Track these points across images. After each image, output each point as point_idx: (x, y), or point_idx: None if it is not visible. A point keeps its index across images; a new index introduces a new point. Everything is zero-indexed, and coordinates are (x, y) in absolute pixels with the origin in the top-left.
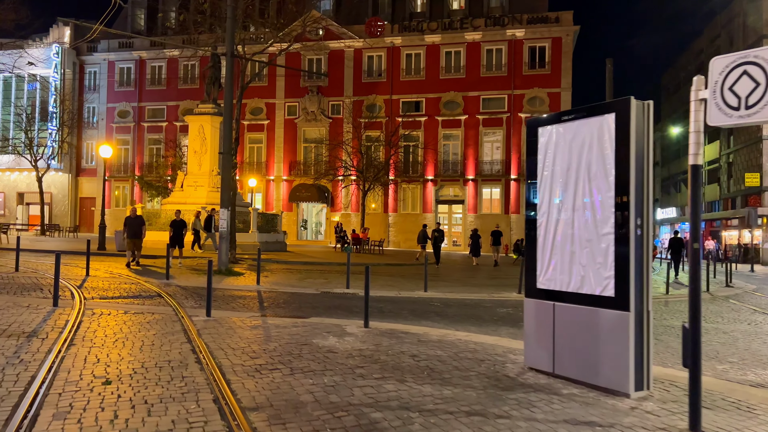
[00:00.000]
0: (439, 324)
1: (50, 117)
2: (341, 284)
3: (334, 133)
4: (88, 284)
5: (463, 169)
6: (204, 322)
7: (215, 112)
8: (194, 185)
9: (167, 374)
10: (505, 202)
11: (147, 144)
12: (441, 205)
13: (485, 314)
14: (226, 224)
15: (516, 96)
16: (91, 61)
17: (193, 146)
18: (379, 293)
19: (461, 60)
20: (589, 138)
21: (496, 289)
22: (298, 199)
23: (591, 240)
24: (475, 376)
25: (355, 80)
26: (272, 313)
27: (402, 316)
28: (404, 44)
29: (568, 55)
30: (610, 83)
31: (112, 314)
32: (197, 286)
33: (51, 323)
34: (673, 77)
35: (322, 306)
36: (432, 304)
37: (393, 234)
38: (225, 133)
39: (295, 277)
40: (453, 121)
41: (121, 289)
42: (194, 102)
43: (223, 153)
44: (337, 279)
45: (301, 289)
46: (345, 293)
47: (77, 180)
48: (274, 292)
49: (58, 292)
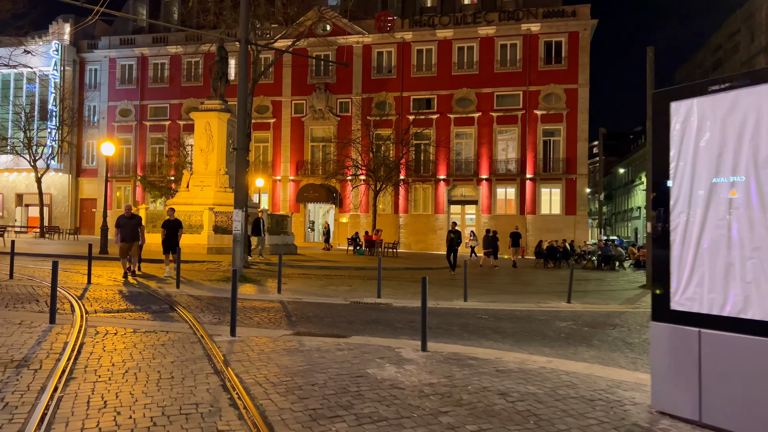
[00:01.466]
0: (504, 344)
1: (50, 116)
2: (368, 292)
3: (343, 131)
4: (90, 294)
5: (477, 168)
6: (230, 344)
7: (222, 108)
8: (200, 185)
9: (197, 427)
10: (520, 203)
11: (149, 143)
12: (453, 205)
13: (547, 330)
14: (240, 227)
15: (531, 92)
16: (92, 58)
17: (200, 144)
18: (415, 303)
19: (474, 55)
20: (755, 113)
21: (539, 297)
22: (306, 200)
23: (760, 248)
24: (597, 426)
25: (364, 77)
26: (305, 330)
27: (455, 334)
28: (415, 39)
29: (586, 50)
30: (651, 72)
31: (118, 333)
32: (212, 296)
33: (47, 347)
34: (688, 74)
35: (358, 320)
36: (480, 317)
37: (404, 236)
38: (239, 126)
39: (316, 283)
40: (466, 118)
41: (126, 300)
42: (198, 100)
43: (237, 149)
44: (362, 286)
45: (326, 298)
46: (377, 304)
47: (78, 181)
48: (299, 303)
49: (56, 305)
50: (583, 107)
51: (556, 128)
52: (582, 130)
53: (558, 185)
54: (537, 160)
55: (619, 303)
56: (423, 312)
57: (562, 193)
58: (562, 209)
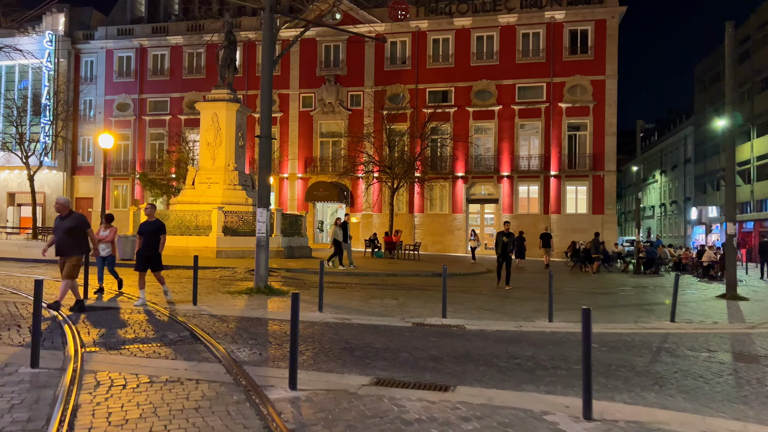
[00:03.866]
0: (672, 398)
1: (43, 110)
2: (424, 308)
3: (354, 126)
4: (88, 315)
5: (497, 164)
6: (294, 407)
7: (231, 98)
8: (207, 182)
9: None
10: (544, 201)
11: (149, 139)
12: (472, 204)
13: (705, 371)
14: (265, 228)
15: (555, 84)
16: (88, 49)
17: (206, 137)
18: (493, 325)
19: (494, 45)
20: None
21: (628, 314)
22: (315, 199)
23: None
24: None
25: (377, 68)
26: (386, 376)
27: (579, 376)
28: (431, 29)
29: (614, 38)
30: (730, 52)
31: (128, 385)
32: (240, 316)
33: (22, 417)
34: (710, 67)
35: (444, 355)
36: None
37: (420, 236)
38: (262, 108)
39: (354, 296)
40: (485, 112)
41: (134, 324)
42: (200, 94)
43: (261, 136)
44: (410, 299)
45: (379, 318)
46: (447, 326)
47: (73, 179)
48: (351, 326)
49: (39, 343)
50: (611, 100)
51: (582, 122)
52: (610, 124)
53: (584, 183)
54: (562, 156)
55: (735, 321)
56: (585, 356)
57: (589, 191)
58: (588, 208)
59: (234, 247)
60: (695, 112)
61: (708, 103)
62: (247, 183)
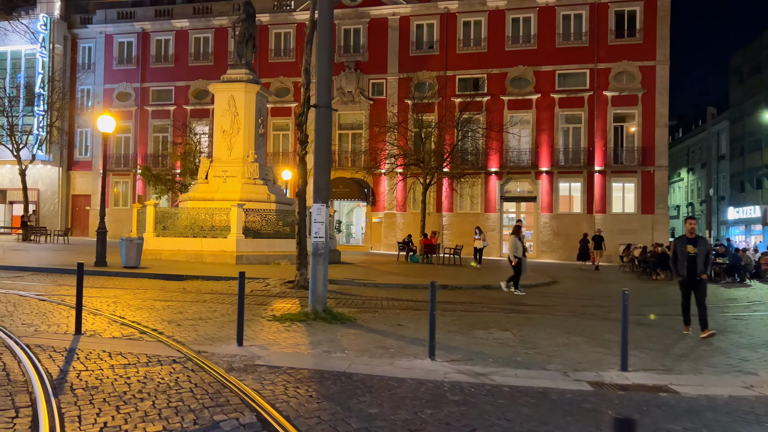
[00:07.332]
0: None
1: (36, 99)
2: (552, 344)
3: (376, 117)
4: (79, 366)
5: (535, 159)
6: None
7: (250, 79)
8: (223, 175)
9: None
10: (587, 200)
11: (151, 131)
12: (507, 202)
13: None
14: (324, 231)
15: (600, 71)
16: (85, 34)
17: (221, 124)
18: (712, 389)
19: (531, 28)
20: None
21: None
22: (334, 196)
23: None
24: None
25: (401, 54)
26: None
27: None
28: (461, 10)
29: (665, 20)
30: None
31: None
32: (315, 369)
33: None
34: (749, 57)
35: None
36: None
37: (448, 237)
38: (320, 71)
39: (444, 323)
40: (522, 101)
41: (155, 391)
42: (207, 82)
43: (317, 106)
44: (520, 327)
45: (525, 371)
46: (657, 394)
47: (69, 174)
48: (499, 392)
49: None
50: (662, 88)
51: (630, 112)
52: (661, 115)
53: (632, 179)
54: (607, 150)
55: None
56: None
57: (637, 188)
58: (637, 207)
59: (256, 251)
60: (730, 106)
61: (746, 96)
62: (268, 177)
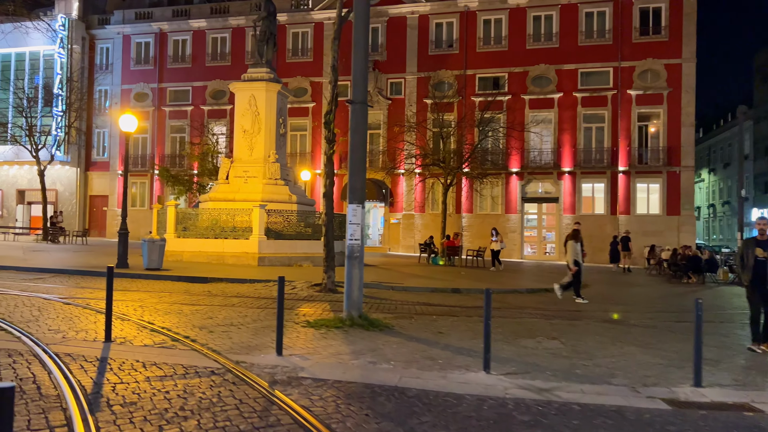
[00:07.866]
0: None
1: (55, 100)
2: (604, 354)
3: (394, 117)
4: (114, 379)
5: (557, 159)
6: None
7: (271, 78)
8: (244, 176)
9: None
10: (611, 201)
11: (168, 132)
12: (528, 203)
13: None
14: (359, 233)
15: (624, 69)
16: (103, 35)
17: (242, 124)
18: None
19: (553, 26)
20: None
21: None
22: None
23: None
24: None
25: (420, 53)
26: None
27: None
28: (481, 8)
29: (691, 17)
30: None
31: None
32: (363, 383)
33: None
34: None
35: None
36: None
37: (468, 239)
38: (356, 66)
39: (493, 330)
40: (544, 100)
41: (198, 408)
42: (225, 82)
43: (353, 102)
44: (567, 336)
45: (591, 386)
46: (720, 405)
47: (87, 175)
48: (569, 411)
49: None
50: (689, 86)
51: (655, 111)
52: (687, 114)
53: (657, 180)
54: (631, 150)
55: None
56: None
57: (663, 189)
58: (662, 208)
59: (279, 253)
60: (755, 104)
61: None
62: (289, 177)
